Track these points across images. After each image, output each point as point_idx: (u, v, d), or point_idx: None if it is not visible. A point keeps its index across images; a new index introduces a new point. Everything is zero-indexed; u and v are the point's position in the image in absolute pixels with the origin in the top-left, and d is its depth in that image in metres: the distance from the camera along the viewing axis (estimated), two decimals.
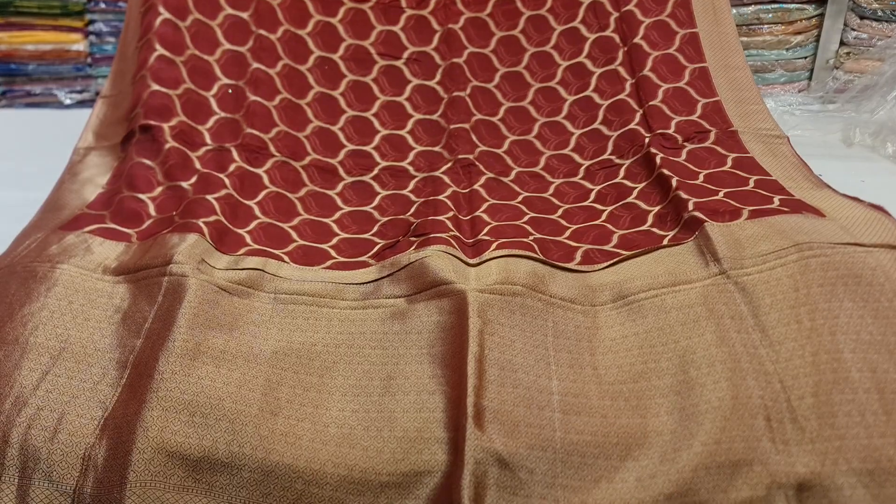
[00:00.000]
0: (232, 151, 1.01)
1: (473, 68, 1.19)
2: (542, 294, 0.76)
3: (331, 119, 1.12)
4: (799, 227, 0.78)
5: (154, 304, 0.76)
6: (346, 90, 1.15)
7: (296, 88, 1.13)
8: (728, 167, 0.97)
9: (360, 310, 0.78)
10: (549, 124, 1.14)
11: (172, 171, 0.96)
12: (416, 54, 1.19)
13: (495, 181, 1.02)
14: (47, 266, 0.79)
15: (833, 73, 1.60)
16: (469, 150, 1.07)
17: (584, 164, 1.06)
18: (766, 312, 0.70)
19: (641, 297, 0.76)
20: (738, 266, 0.75)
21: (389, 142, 1.10)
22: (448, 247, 0.82)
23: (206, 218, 0.87)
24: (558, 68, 1.19)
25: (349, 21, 1.20)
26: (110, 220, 0.90)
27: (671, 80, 1.12)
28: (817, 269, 0.72)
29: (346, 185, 1.05)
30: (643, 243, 0.85)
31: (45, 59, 1.59)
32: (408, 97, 1.16)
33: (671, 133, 1.05)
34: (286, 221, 0.95)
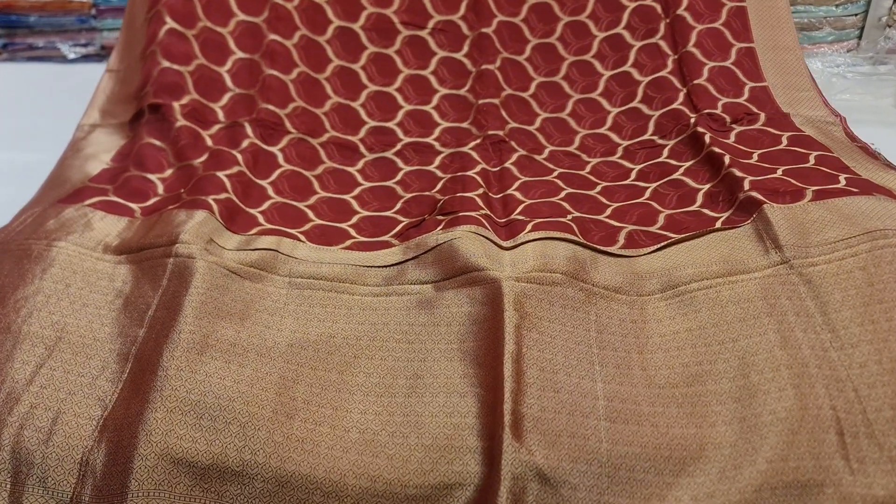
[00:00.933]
0: (245, 127, 0.94)
1: (503, 38, 1.10)
2: (584, 283, 0.69)
3: (351, 94, 1.04)
4: (870, 212, 0.71)
5: (158, 289, 0.69)
6: (367, 63, 1.07)
7: (314, 62, 1.05)
8: (784, 145, 0.89)
9: (383, 297, 0.72)
10: (584, 101, 1.05)
11: (183, 151, 0.90)
12: (441, 23, 1.10)
13: (527, 158, 0.94)
14: (43, 244, 0.73)
15: (886, 32, 1.49)
16: (499, 126, 0.98)
17: (623, 144, 0.97)
18: (837, 310, 0.63)
19: (694, 288, 0.69)
20: (803, 255, 0.68)
21: (413, 117, 1.02)
22: (479, 227, 0.75)
23: (216, 195, 0.80)
24: (594, 40, 1.09)
25: None
26: (113, 194, 0.84)
27: (717, 57, 1.03)
28: (893, 261, 0.65)
29: (367, 162, 0.97)
30: (693, 225, 0.77)
31: (47, 11, 1.50)
32: (433, 70, 1.07)
33: (719, 113, 0.96)
34: (302, 200, 0.88)
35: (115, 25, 1.53)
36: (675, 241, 0.75)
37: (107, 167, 0.91)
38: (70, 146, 0.97)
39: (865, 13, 1.50)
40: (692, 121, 0.95)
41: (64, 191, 0.85)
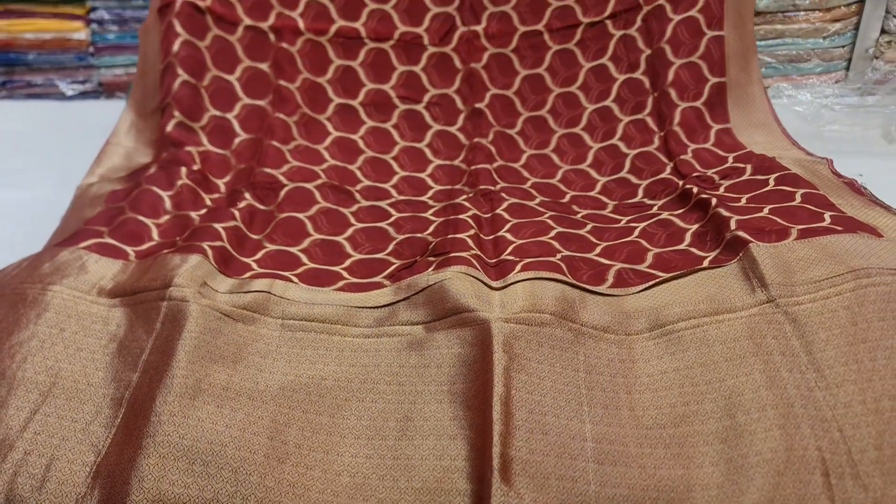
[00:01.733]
0: (244, 192, 0.97)
1: (496, 112, 1.13)
2: (573, 323, 0.70)
3: (348, 159, 1.06)
4: (854, 250, 0.72)
5: (152, 333, 0.70)
6: (364, 134, 1.10)
7: (313, 135, 1.08)
8: (771, 186, 0.90)
9: (373, 338, 0.72)
10: (574, 171, 1.07)
11: (182, 204, 0.92)
12: (437, 97, 1.13)
13: (519, 205, 0.96)
14: (38, 288, 0.74)
15: (873, 64, 1.51)
16: (490, 184, 1.01)
17: (614, 203, 0.99)
18: (822, 349, 0.64)
19: (681, 327, 0.69)
20: (789, 294, 0.68)
21: (408, 182, 1.05)
22: (469, 267, 0.76)
23: (210, 242, 0.81)
24: (584, 112, 1.12)
25: (370, 63, 1.15)
26: (108, 236, 0.85)
27: (697, 139, 1.06)
28: (876, 301, 0.65)
29: (361, 208, 0.99)
30: (681, 264, 0.78)
31: (46, 49, 1.53)
32: (428, 143, 1.11)
33: (707, 175, 0.98)
34: (295, 245, 0.89)
35: (112, 63, 1.56)
36: (664, 279, 0.76)
37: (101, 209, 0.92)
38: (71, 206, 0.99)
39: (852, 45, 1.52)
40: (681, 183, 0.97)
41: (56, 238, 0.87)
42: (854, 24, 1.51)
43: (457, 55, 1.16)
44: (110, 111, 1.53)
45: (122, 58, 1.55)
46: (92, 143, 1.24)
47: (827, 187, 0.89)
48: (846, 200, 0.85)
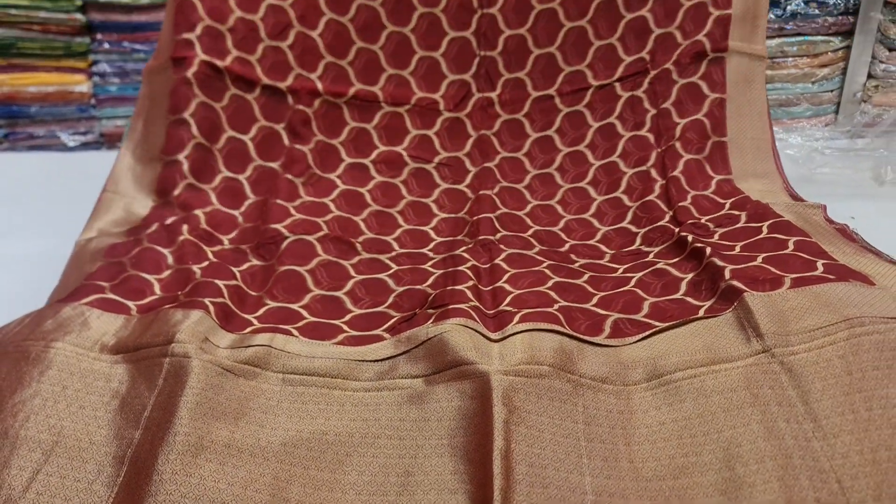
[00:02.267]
0: (247, 253, 0.98)
1: (504, 171, 1.16)
2: (571, 374, 0.71)
3: (354, 211, 1.08)
4: (847, 299, 0.73)
5: (154, 389, 0.70)
6: (373, 188, 1.12)
7: (320, 190, 1.10)
8: (764, 234, 0.91)
9: (374, 392, 0.73)
10: (577, 220, 1.09)
11: (184, 258, 0.93)
12: (447, 159, 1.16)
13: (517, 255, 0.97)
14: (41, 345, 0.74)
15: (861, 107, 1.54)
16: (491, 233, 1.02)
17: (612, 252, 1.01)
18: (818, 399, 0.64)
19: (678, 378, 0.70)
20: (784, 343, 0.69)
21: (410, 234, 1.06)
22: (468, 319, 0.77)
23: (213, 298, 0.82)
24: (590, 168, 1.15)
25: (384, 126, 1.17)
26: (110, 292, 0.85)
27: (698, 187, 1.08)
28: (871, 350, 0.66)
29: (362, 260, 1.00)
30: (677, 313, 0.79)
31: (48, 101, 1.55)
32: (435, 199, 1.13)
33: (702, 223, 1.00)
34: (296, 301, 0.90)
35: (114, 114, 1.57)
36: (660, 329, 0.77)
37: (102, 263, 0.93)
38: (70, 261, 0.99)
39: (840, 89, 1.55)
40: (677, 231, 0.99)
41: (57, 294, 0.87)
42: (841, 69, 1.53)
43: (470, 121, 1.18)
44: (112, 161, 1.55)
45: (123, 109, 1.57)
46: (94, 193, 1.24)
47: (819, 234, 0.90)
48: (838, 248, 0.86)
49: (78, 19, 1.49)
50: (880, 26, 1.47)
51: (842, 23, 1.48)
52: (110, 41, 1.53)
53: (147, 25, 1.51)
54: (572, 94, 1.19)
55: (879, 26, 1.47)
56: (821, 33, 1.50)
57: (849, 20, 1.48)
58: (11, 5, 1.46)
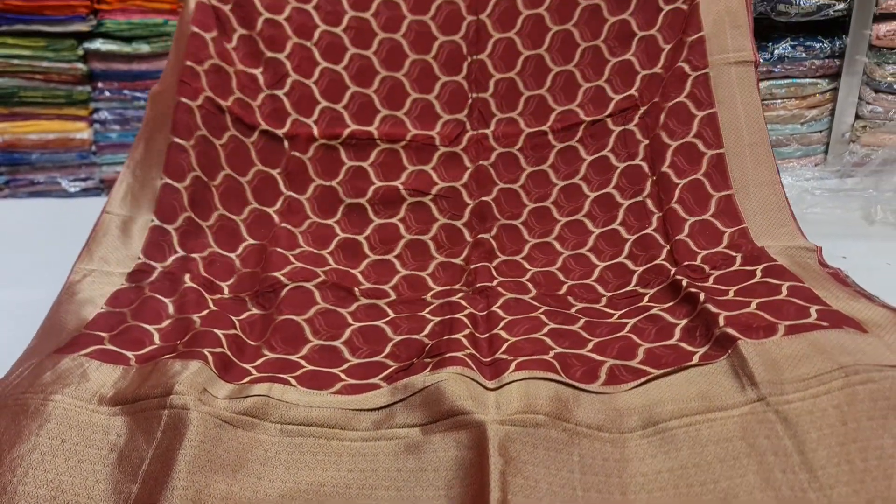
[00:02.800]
0: (247, 302, 0.99)
1: (501, 205, 1.17)
2: (567, 422, 0.71)
3: (351, 263, 1.09)
4: (841, 346, 0.73)
5: (153, 442, 0.71)
6: (371, 233, 1.13)
7: (319, 241, 1.11)
8: (758, 279, 0.93)
9: (371, 442, 0.73)
10: (574, 256, 1.10)
11: (185, 307, 0.94)
12: (444, 190, 1.17)
13: (514, 300, 0.98)
14: (40, 398, 0.75)
15: (850, 147, 1.56)
16: (488, 280, 1.03)
17: (608, 295, 1.02)
18: (813, 449, 0.65)
19: (674, 426, 0.71)
20: (778, 392, 0.70)
21: (408, 281, 1.07)
22: (465, 368, 0.77)
23: (211, 348, 0.83)
24: (586, 200, 1.16)
25: (380, 163, 1.19)
26: (109, 343, 0.86)
27: (697, 212, 1.08)
28: (866, 399, 0.67)
29: (360, 307, 1.01)
30: (671, 360, 0.80)
31: (49, 148, 1.57)
32: (433, 236, 1.14)
33: (697, 265, 1.01)
34: (294, 353, 0.91)
35: (114, 160, 1.59)
36: (655, 376, 0.78)
37: (102, 311, 0.93)
38: (64, 289, 0.99)
39: (829, 130, 1.58)
40: (672, 272, 0.99)
41: (61, 339, 0.87)
42: (829, 111, 1.56)
43: (466, 154, 1.20)
44: None
45: (123, 155, 1.59)
46: None
47: (812, 279, 0.91)
48: (831, 293, 0.87)
49: (79, 68, 1.52)
50: (866, 68, 1.50)
51: (828, 66, 1.51)
52: (111, 89, 1.55)
53: (147, 74, 1.54)
54: (564, 131, 1.21)
55: (865, 68, 1.50)
56: (808, 76, 1.53)
57: (835, 63, 1.51)
58: (14, 56, 1.50)
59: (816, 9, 1.46)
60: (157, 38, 1.51)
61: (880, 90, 1.51)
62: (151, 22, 1.50)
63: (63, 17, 1.48)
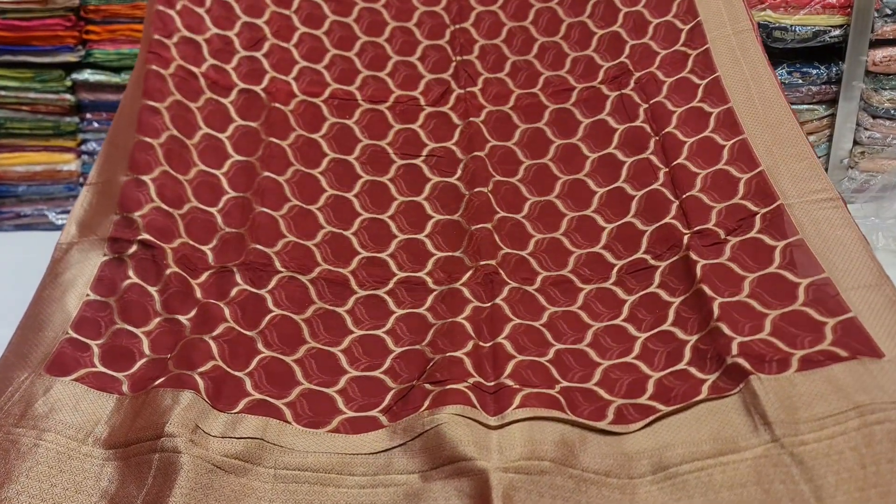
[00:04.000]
0: (235, 273, 0.95)
1: (495, 162, 1.12)
2: (573, 469, 0.68)
3: (344, 224, 1.05)
4: (858, 382, 0.70)
5: (143, 488, 0.68)
6: (360, 192, 1.09)
7: (307, 194, 1.07)
8: (775, 266, 0.88)
9: (369, 489, 0.70)
10: (578, 219, 1.05)
11: (171, 302, 0.90)
12: (435, 150, 1.14)
13: (519, 291, 0.94)
14: (33, 435, 0.72)
15: (849, 173, 1.55)
16: (492, 254, 0.98)
17: (616, 266, 0.97)
18: (832, 495, 0.62)
19: (685, 471, 0.68)
20: (793, 433, 0.67)
21: (407, 249, 1.02)
22: (466, 406, 0.74)
23: (202, 367, 0.80)
24: (586, 160, 1.11)
25: (365, 124, 1.16)
26: (100, 362, 0.83)
27: (708, 164, 1.03)
28: (884, 440, 0.64)
29: (359, 301, 0.96)
30: (680, 393, 0.77)
31: (36, 180, 1.54)
32: (426, 197, 1.09)
33: (711, 227, 0.95)
34: (291, 354, 0.87)
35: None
36: (664, 414, 0.75)
37: (88, 299, 0.89)
38: (48, 269, 0.95)
39: (827, 156, 1.57)
40: (685, 241, 0.94)
41: (47, 340, 0.84)
42: (827, 137, 1.55)
43: (454, 113, 1.17)
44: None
45: None
46: None
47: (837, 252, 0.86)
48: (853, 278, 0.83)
49: (67, 99, 1.50)
50: (863, 94, 1.49)
51: (825, 91, 1.51)
52: (99, 120, 1.53)
53: None
54: (556, 94, 1.19)
55: (862, 94, 1.49)
56: (805, 102, 1.52)
57: (832, 89, 1.51)
58: (1, 87, 1.47)
59: (812, 35, 1.45)
60: None
61: (878, 116, 1.50)
62: None
63: (51, 47, 1.46)
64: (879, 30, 1.44)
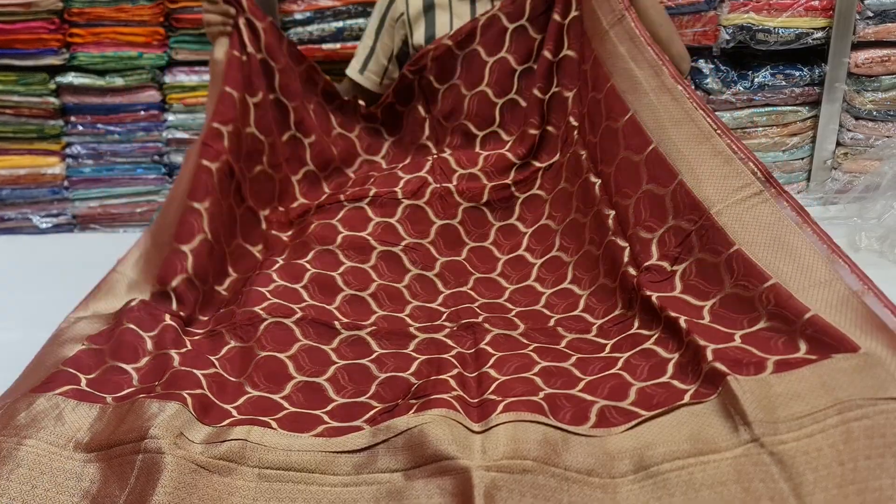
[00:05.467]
0: (224, 335, 0.96)
1: (473, 262, 1.17)
2: (556, 467, 0.68)
3: (327, 299, 1.06)
4: (833, 380, 0.70)
5: (125, 488, 0.68)
6: (343, 272, 1.10)
7: (293, 275, 1.08)
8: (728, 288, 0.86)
9: (352, 487, 0.71)
10: (556, 292, 1.08)
11: (163, 343, 0.92)
12: (413, 244, 1.16)
13: (503, 336, 0.95)
14: (13, 442, 0.72)
15: (832, 174, 1.56)
16: (473, 316, 1.01)
17: (597, 323, 0.99)
18: (811, 492, 0.62)
19: (666, 469, 0.68)
20: (772, 432, 0.67)
21: (387, 320, 1.04)
22: (450, 410, 0.74)
23: (190, 390, 0.80)
24: (555, 234, 1.15)
25: (347, 218, 1.18)
26: (87, 385, 0.83)
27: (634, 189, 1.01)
28: (861, 437, 0.64)
29: (343, 342, 0.97)
30: (663, 400, 0.77)
31: (20, 184, 1.53)
32: (406, 285, 1.11)
33: (655, 263, 0.95)
34: (277, 391, 0.88)
35: (86, 195, 1.56)
36: (646, 418, 0.75)
37: (83, 348, 0.90)
38: (53, 337, 0.96)
39: (811, 157, 1.58)
40: (635, 282, 0.95)
41: (38, 377, 0.84)
42: (810, 138, 1.57)
43: (430, 208, 1.19)
44: (84, 244, 1.53)
45: (96, 190, 1.56)
46: (65, 277, 1.22)
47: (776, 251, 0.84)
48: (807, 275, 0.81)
49: (51, 102, 1.49)
50: (846, 96, 1.50)
51: (808, 93, 1.52)
52: (84, 123, 1.52)
53: (121, 107, 1.52)
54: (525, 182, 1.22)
55: (845, 96, 1.51)
56: (788, 104, 1.53)
57: (815, 91, 1.52)
58: None
59: (795, 37, 1.46)
60: (131, 72, 1.49)
61: (861, 117, 1.52)
62: (125, 55, 1.47)
63: (34, 50, 1.45)
64: (861, 32, 1.45)
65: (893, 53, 1.46)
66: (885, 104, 1.49)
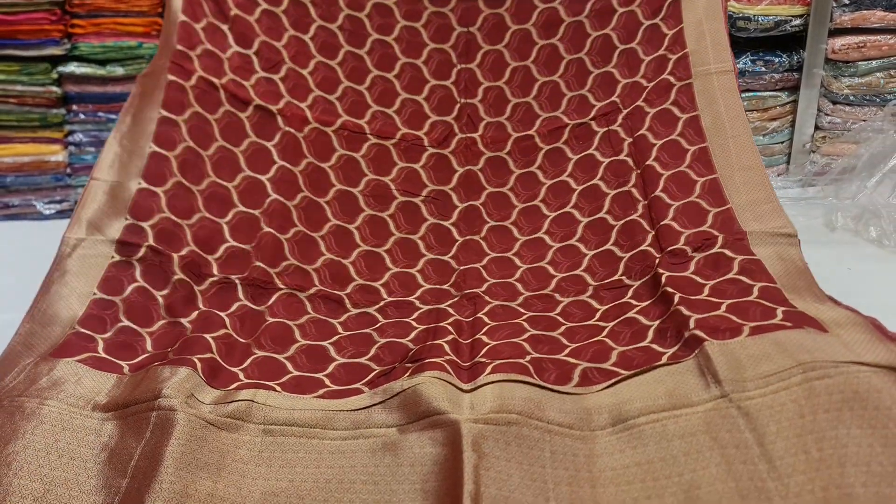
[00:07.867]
0: (238, 287, 1.01)
1: (490, 209, 1.20)
2: (539, 421, 0.74)
3: (343, 252, 1.11)
4: (801, 345, 0.76)
5: (142, 440, 0.73)
6: (362, 224, 1.15)
7: (312, 221, 1.12)
8: (734, 273, 0.95)
9: (350, 440, 0.76)
10: (563, 248, 1.13)
11: (175, 307, 0.96)
12: (434, 192, 1.20)
13: (501, 307, 1.01)
14: (35, 402, 0.77)
15: (810, 157, 1.61)
16: (477, 285, 1.06)
17: (594, 285, 1.04)
18: (773, 441, 0.68)
19: (641, 422, 0.73)
20: (741, 389, 0.73)
21: (399, 279, 1.09)
22: (442, 372, 0.80)
23: (200, 355, 0.85)
24: (573, 193, 1.19)
25: (371, 157, 1.21)
26: (104, 351, 0.88)
27: (682, 196, 1.10)
28: (822, 393, 0.69)
29: (351, 317, 1.03)
30: (642, 361, 0.82)
31: (24, 171, 1.57)
32: (422, 236, 1.16)
33: (680, 247, 1.02)
34: (282, 352, 0.93)
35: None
36: (625, 377, 0.80)
37: (95, 298, 0.94)
38: (55, 264, 0.98)
39: (790, 140, 1.63)
40: (657, 261, 1.01)
41: (55, 336, 0.88)
42: (790, 122, 1.62)
43: (455, 157, 1.24)
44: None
45: None
46: None
47: (789, 273, 0.93)
48: (800, 294, 0.89)
49: (54, 91, 1.53)
50: (823, 81, 1.55)
51: (787, 79, 1.57)
52: (85, 112, 1.56)
53: (122, 96, 1.54)
54: (550, 134, 1.25)
55: (823, 81, 1.55)
56: (768, 89, 1.58)
57: (794, 76, 1.57)
58: None
59: (774, 24, 1.51)
60: (131, 61, 1.53)
61: (838, 102, 1.56)
62: (125, 45, 1.51)
63: (37, 41, 1.49)
64: (838, 19, 1.50)
65: (869, 40, 1.50)
66: (861, 89, 1.54)
